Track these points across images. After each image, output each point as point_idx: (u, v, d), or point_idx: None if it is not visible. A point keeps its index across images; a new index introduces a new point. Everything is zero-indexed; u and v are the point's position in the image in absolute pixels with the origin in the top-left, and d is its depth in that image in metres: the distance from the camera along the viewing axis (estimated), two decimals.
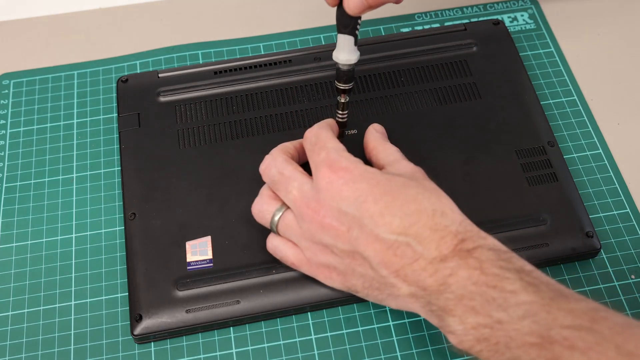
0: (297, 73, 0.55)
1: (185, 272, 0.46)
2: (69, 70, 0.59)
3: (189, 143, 0.51)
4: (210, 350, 0.45)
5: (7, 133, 0.55)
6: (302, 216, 0.42)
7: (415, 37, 0.57)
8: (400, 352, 0.44)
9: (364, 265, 0.40)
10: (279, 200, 0.44)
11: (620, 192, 0.51)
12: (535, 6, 0.62)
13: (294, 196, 0.42)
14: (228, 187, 0.49)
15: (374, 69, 0.55)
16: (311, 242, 0.42)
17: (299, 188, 0.42)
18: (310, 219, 0.41)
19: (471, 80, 0.54)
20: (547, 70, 0.57)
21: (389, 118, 0.52)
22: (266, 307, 0.45)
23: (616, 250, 0.48)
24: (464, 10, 0.62)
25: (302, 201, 0.41)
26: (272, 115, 0.53)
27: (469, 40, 0.56)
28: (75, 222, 0.51)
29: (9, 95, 0.58)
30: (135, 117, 0.53)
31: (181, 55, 0.59)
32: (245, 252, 0.46)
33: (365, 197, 0.39)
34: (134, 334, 0.44)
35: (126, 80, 0.55)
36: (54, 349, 0.45)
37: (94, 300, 0.47)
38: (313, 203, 0.41)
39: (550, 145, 0.51)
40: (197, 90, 0.54)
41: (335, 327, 0.46)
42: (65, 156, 0.54)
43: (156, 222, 0.48)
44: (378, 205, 0.39)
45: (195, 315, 0.45)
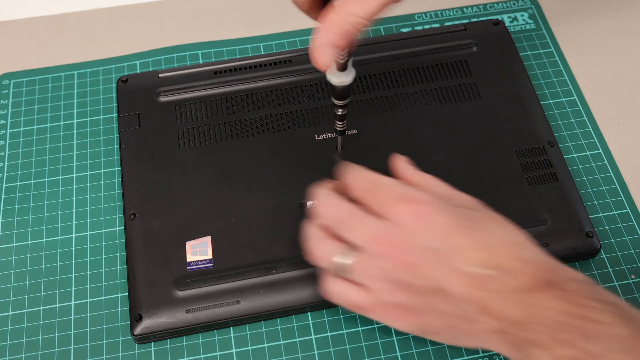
0: (297, 73, 0.55)
1: (185, 272, 0.46)
2: (69, 70, 0.59)
3: (189, 143, 0.51)
4: (210, 350, 0.45)
5: (7, 133, 0.55)
6: (378, 255, 0.39)
7: (415, 37, 0.57)
8: (400, 352, 0.44)
9: (446, 302, 0.38)
10: (340, 241, 0.41)
11: (620, 192, 0.51)
12: (535, 6, 0.62)
13: (367, 235, 0.40)
14: (228, 187, 0.49)
15: (374, 69, 0.55)
16: (387, 281, 0.39)
17: (371, 226, 0.40)
18: (389, 257, 0.39)
19: (471, 80, 0.54)
20: (547, 70, 0.57)
21: (389, 118, 0.52)
22: (266, 307, 0.45)
23: (616, 250, 0.48)
24: (464, 10, 0.62)
25: (377, 239, 0.39)
26: (272, 115, 0.53)
27: (469, 40, 0.56)
28: (75, 222, 0.51)
29: (9, 95, 0.58)
30: (135, 117, 0.53)
31: (181, 55, 0.59)
32: (245, 252, 0.46)
33: (447, 231, 0.38)
34: (134, 334, 0.44)
35: (126, 80, 0.55)
36: (54, 349, 0.45)
37: (94, 300, 0.47)
38: (391, 240, 0.39)
39: (550, 145, 0.51)
40: (197, 90, 0.54)
41: (335, 327, 0.46)
42: (65, 156, 0.54)
43: (156, 222, 0.48)
44: (460, 239, 0.38)
45: (195, 315, 0.45)
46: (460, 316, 0.38)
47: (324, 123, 0.52)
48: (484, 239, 0.38)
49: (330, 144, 0.51)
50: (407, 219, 0.39)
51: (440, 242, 0.38)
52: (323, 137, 0.51)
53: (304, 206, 0.48)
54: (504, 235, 0.38)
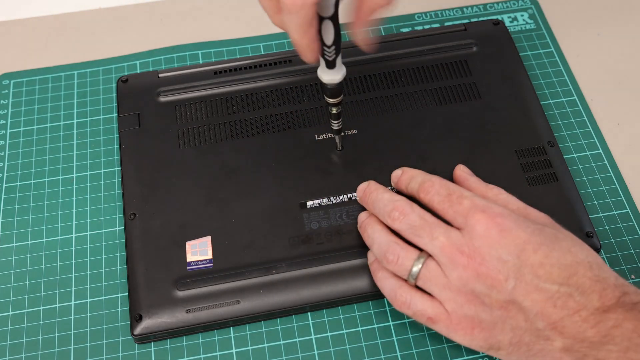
0: (297, 73, 0.55)
1: (185, 272, 0.46)
2: (69, 70, 0.59)
3: (189, 143, 0.51)
4: (210, 350, 0.45)
5: (7, 133, 0.55)
6: (452, 263, 0.39)
7: (415, 37, 0.57)
8: (400, 352, 0.44)
9: (518, 317, 0.38)
10: (415, 248, 0.41)
11: (620, 192, 0.51)
12: (535, 6, 0.62)
13: (442, 243, 0.40)
14: (228, 187, 0.49)
15: (374, 69, 0.55)
16: (459, 292, 0.39)
17: (447, 234, 0.40)
18: (463, 266, 0.39)
19: (471, 80, 0.54)
20: (547, 70, 0.57)
21: (389, 118, 0.52)
22: (266, 307, 0.45)
23: (616, 250, 0.48)
24: (464, 10, 0.62)
25: (452, 248, 0.39)
26: (272, 115, 0.53)
27: (469, 40, 0.56)
28: (75, 222, 0.51)
29: (9, 95, 0.58)
30: (135, 117, 0.53)
31: (181, 55, 0.59)
32: (245, 252, 0.46)
33: (524, 246, 0.38)
34: (134, 334, 0.44)
35: (126, 80, 0.55)
36: (54, 349, 0.45)
37: (94, 300, 0.47)
38: (467, 249, 0.39)
39: (550, 145, 0.51)
40: (197, 90, 0.54)
41: (335, 327, 0.46)
42: (65, 156, 0.54)
43: (156, 222, 0.48)
44: (537, 254, 0.38)
45: (195, 315, 0.45)
46: (530, 332, 0.38)
47: (324, 123, 0.52)
48: (560, 257, 0.38)
49: (330, 144, 0.51)
50: (484, 230, 0.39)
51: (517, 256, 0.38)
52: (323, 137, 0.51)
53: (304, 206, 0.48)
54: (579, 254, 0.38)
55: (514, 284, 0.38)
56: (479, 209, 0.40)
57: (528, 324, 0.38)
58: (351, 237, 0.47)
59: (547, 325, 0.38)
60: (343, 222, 0.47)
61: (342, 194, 0.48)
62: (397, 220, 0.42)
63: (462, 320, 0.40)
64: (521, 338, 0.39)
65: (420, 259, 0.41)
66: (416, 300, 0.41)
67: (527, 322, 0.38)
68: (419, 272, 0.41)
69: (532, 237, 0.39)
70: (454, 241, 0.40)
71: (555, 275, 0.38)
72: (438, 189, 0.42)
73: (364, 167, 0.50)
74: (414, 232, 0.41)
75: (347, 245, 0.46)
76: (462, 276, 0.39)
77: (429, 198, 0.42)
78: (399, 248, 0.41)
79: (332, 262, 0.46)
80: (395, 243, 0.42)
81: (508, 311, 0.38)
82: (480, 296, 0.39)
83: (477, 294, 0.39)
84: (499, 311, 0.39)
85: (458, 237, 0.40)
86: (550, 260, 0.38)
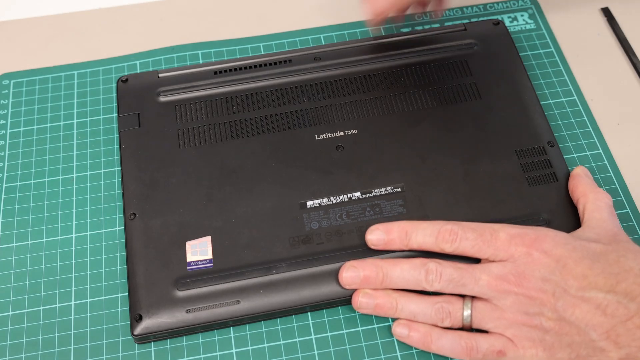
0: (297, 73, 0.55)
1: (185, 272, 0.46)
2: (69, 70, 0.59)
3: (189, 143, 0.51)
4: (210, 350, 0.45)
5: (7, 133, 0.55)
6: (502, 294, 0.41)
7: (415, 37, 0.57)
8: (400, 352, 0.44)
9: (571, 332, 0.39)
10: (454, 296, 0.43)
11: (620, 192, 0.51)
12: (535, 6, 0.62)
13: (486, 280, 0.41)
14: (228, 187, 0.49)
15: (374, 69, 0.55)
16: (515, 318, 0.41)
17: (487, 272, 0.41)
18: (512, 292, 0.41)
19: (471, 80, 0.54)
20: (547, 70, 0.57)
21: (389, 118, 0.52)
22: (266, 307, 0.45)
23: None
24: (464, 10, 0.62)
25: (498, 280, 0.41)
26: (272, 115, 0.53)
27: (469, 40, 0.56)
28: (75, 222, 0.51)
29: (9, 95, 0.58)
30: (135, 117, 0.53)
31: (181, 55, 0.59)
32: (245, 252, 0.46)
33: (566, 261, 0.39)
34: (134, 334, 0.44)
35: (126, 80, 0.55)
36: (54, 349, 0.45)
37: (94, 300, 0.47)
38: (512, 277, 0.41)
39: (550, 145, 0.51)
40: (197, 90, 0.54)
41: (335, 327, 0.46)
42: (65, 156, 0.54)
43: (156, 222, 0.48)
44: (579, 267, 0.39)
45: (195, 315, 0.45)
46: (585, 345, 0.39)
47: (324, 123, 0.52)
48: (605, 267, 0.39)
49: (330, 144, 0.51)
50: (525, 255, 0.40)
51: (559, 272, 0.39)
52: (323, 137, 0.51)
53: (304, 206, 0.48)
54: (630, 263, 0.39)
55: (562, 299, 0.39)
56: (517, 239, 0.41)
57: (582, 337, 0.39)
58: (351, 237, 0.47)
59: (600, 335, 0.38)
60: (343, 222, 0.47)
61: (342, 194, 0.48)
62: (436, 283, 0.43)
63: (526, 345, 0.41)
64: (579, 352, 0.39)
65: (467, 304, 0.42)
66: (481, 341, 0.42)
67: (580, 335, 0.39)
68: (471, 314, 0.42)
69: (572, 253, 0.40)
70: (497, 274, 0.41)
71: (601, 284, 0.38)
72: (464, 234, 0.43)
73: (364, 167, 0.50)
74: (454, 283, 0.42)
75: (347, 245, 0.46)
76: (514, 302, 0.41)
77: (456, 246, 0.43)
78: (445, 305, 0.43)
79: (332, 262, 0.46)
80: (440, 302, 0.43)
81: (561, 327, 0.39)
82: (535, 317, 0.40)
83: (532, 315, 0.40)
84: (554, 329, 0.40)
85: (499, 269, 0.41)
86: (594, 271, 0.39)
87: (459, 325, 0.43)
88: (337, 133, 0.51)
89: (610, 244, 0.41)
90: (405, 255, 0.45)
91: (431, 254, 0.44)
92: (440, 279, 0.42)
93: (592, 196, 0.45)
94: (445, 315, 0.43)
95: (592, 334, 0.38)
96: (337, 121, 0.52)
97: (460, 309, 0.42)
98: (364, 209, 0.48)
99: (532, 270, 0.40)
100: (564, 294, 0.39)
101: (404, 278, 0.43)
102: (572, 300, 0.39)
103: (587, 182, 0.47)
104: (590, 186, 0.46)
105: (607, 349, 0.38)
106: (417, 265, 0.43)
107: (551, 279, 0.40)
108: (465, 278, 0.42)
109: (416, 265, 0.43)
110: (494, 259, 0.42)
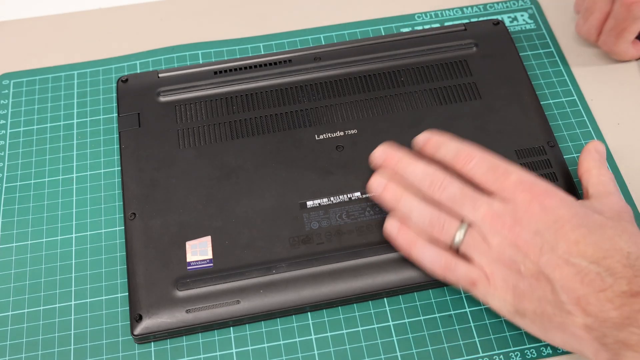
0: (297, 73, 0.55)
1: (185, 272, 0.46)
2: (69, 70, 0.59)
3: (189, 143, 0.51)
4: (210, 350, 0.45)
5: (7, 133, 0.55)
6: (493, 232, 0.41)
7: (415, 37, 0.57)
8: (400, 352, 0.44)
9: (545, 289, 0.40)
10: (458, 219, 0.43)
11: (620, 192, 0.51)
12: (535, 6, 0.62)
13: (484, 213, 0.42)
14: (228, 187, 0.49)
15: (374, 69, 0.55)
16: (498, 258, 0.41)
17: (489, 205, 0.42)
18: (503, 235, 0.41)
19: (471, 80, 0.54)
20: (547, 70, 0.57)
21: (389, 118, 0.52)
22: (266, 307, 0.45)
23: None
24: (464, 10, 0.62)
25: (494, 217, 0.41)
26: (272, 115, 0.53)
27: (469, 40, 0.56)
28: (75, 222, 0.51)
29: (9, 95, 0.58)
30: (135, 117, 0.53)
31: (181, 55, 0.59)
32: (245, 252, 0.46)
33: (563, 223, 0.40)
34: (134, 334, 0.44)
35: (126, 80, 0.55)
36: (54, 349, 0.45)
37: (94, 300, 0.47)
38: (508, 220, 0.41)
39: (550, 145, 0.51)
40: (197, 90, 0.54)
41: (335, 327, 0.46)
42: (65, 156, 0.54)
43: (156, 222, 0.48)
44: (574, 233, 0.39)
45: (195, 315, 0.45)
46: (554, 304, 0.39)
47: (324, 123, 0.52)
48: (598, 240, 0.39)
49: (330, 144, 0.51)
50: (527, 205, 0.41)
51: (554, 231, 0.40)
52: (323, 137, 0.51)
53: (304, 206, 0.48)
54: (622, 244, 0.39)
55: (547, 256, 0.39)
56: (526, 186, 0.42)
57: (553, 296, 0.39)
58: (351, 237, 0.47)
59: (571, 299, 0.39)
60: (343, 222, 0.47)
61: (342, 194, 0.48)
62: (437, 192, 0.43)
63: (498, 284, 0.42)
64: (545, 309, 0.40)
65: (463, 227, 0.43)
66: (460, 265, 0.43)
67: (553, 294, 0.39)
68: (463, 238, 0.42)
69: (573, 218, 0.40)
70: (495, 211, 0.42)
71: (589, 253, 0.39)
72: (479, 162, 0.44)
73: (364, 167, 0.49)
74: (454, 203, 0.43)
75: (347, 245, 0.46)
76: (501, 243, 0.41)
77: (468, 169, 0.44)
78: (442, 217, 0.43)
79: (332, 262, 0.46)
80: (439, 212, 0.43)
81: (538, 281, 0.40)
82: (517, 263, 0.41)
83: (514, 261, 0.41)
84: (530, 280, 0.40)
85: (500, 207, 0.42)
86: (586, 240, 0.39)
87: (447, 243, 0.43)
88: (337, 133, 0.51)
89: (612, 219, 0.41)
90: None
91: None
92: (443, 190, 0.43)
93: (596, 172, 0.46)
94: (439, 227, 0.43)
95: (564, 297, 0.39)
96: (337, 121, 0.52)
97: (455, 228, 0.43)
98: (364, 209, 0.48)
99: (528, 220, 0.41)
100: (550, 252, 0.39)
101: (414, 173, 0.45)
102: (556, 260, 0.39)
103: (595, 157, 0.47)
104: (595, 162, 0.47)
105: (574, 313, 0.39)
106: (430, 169, 0.44)
107: (544, 235, 0.40)
108: (466, 201, 0.42)
109: (429, 169, 0.44)
110: (498, 195, 0.42)
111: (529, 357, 0.44)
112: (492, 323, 0.45)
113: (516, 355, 0.44)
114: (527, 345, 0.44)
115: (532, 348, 0.44)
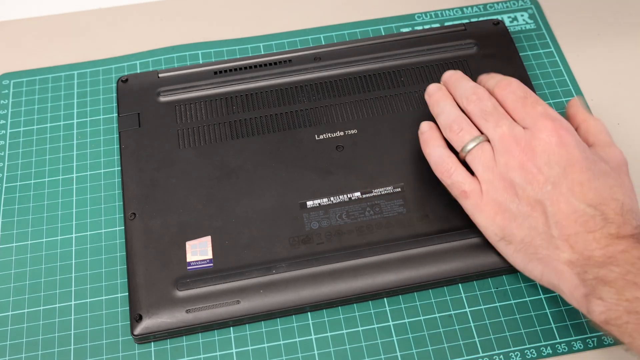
0: (297, 73, 0.55)
1: (185, 272, 0.46)
2: (69, 70, 0.59)
3: (189, 143, 0.51)
4: (210, 350, 0.45)
5: (7, 133, 0.55)
6: (505, 150, 0.43)
7: (415, 37, 0.57)
8: (400, 352, 0.44)
9: (539, 219, 0.41)
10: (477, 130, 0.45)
11: None
12: (535, 6, 0.62)
13: (503, 131, 0.43)
14: (228, 187, 0.49)
15: (374, 69, 0.55)
16: (499, 177, 0.42)
17: (510, 126, 0.43)
18: (513, 155, 0.42)
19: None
20: (547, 70, 0.57)
21: (389, 118, 0.52)
22: (266, 307, 0.45)
23: None
24: (464, 10, 0.62)
25: (511, 138, 0.43)
26: (272, 115, 0.53)
27: (469, 40, 0.56)
28: (75, 222, 0.51)
29: (9, 95, 0.58)
30: (135, 117, 0.53)
31: (181, 55, 0.59)
32: (245, 252, 0.46)
33: (574, 162, 0.41)
34: (134, 334, 0.44)
35: (126, 80, 0.55)
36: (54, 349, 0.45)
37: (94, 300, 0.47)
38: (523, 144, 0.42)
39: None
40: (197, 90, 0.54)
41: (335, 327, 0.46)
42: (65, 156, 0.54)
43: (156, 222, 0.48)
44: (581, 175, 0.41)
45: (195, 315, 0.45)
46: (543, 236, 0.41)
47: (324, 123, 0.52)
48: (599, 187, 0.41)
49: (330, 144, 0.51)
50: (546, 136, 0.42)
51: (564, 167, 0.41)
52: (323, 137, 0.51)
53: (304, 206, 0.48)
54: (619, 196, 0.41)
55: (550, 188, 0.41)
56: (549, 118, 0.43)
57: (545, 228, 0.41)
58: (351, 237, 0.47)
59: (561, 235, 0.40)
60: (343, 222, 0.47)
61: (342, 194, 0.48)
62: (472, 103, 0.45)
63: (490, 203, 0.43)
64: (533, 240, 0.41)
65: (479, 138, 0.44)
66: (459, 172, 0.44)
67: (545, 226, 0.40)
68: (474, 148, 0.44)
69: (584, 161, 0.41)
70: (514, 134, 0.43)
71: (589, 197, 0.40)
72: (515, 89, 0.45)
73: (364, 167, 0.50)
74: (482, 116, 0.44)
75: (347, 245, 0.46)
76: (508, 163, 0.42)
77: (504, 95, 0.45)
78: (465, 122, 0.45)
79: (332, 262, 0.46)
80: (464, 117, 0.45)
81: (533, 210, 0.41)
82: (516, 187, 0.42)
83: (514, 184, 0.42)
84: (525, 207, 0.41)
85: (520, 132, 0.43)
86: (590, 184, 0.40)
87: (458, 148, 0.45)
88: (337, 133, 0.51)
89: (615, 170, 0.43)
90: None
91: None
92: (477, 103, 0.45)
93: (593, 122, 0.47)
94: (457, 130, 0.45)
95: (555, 232, 0.40)
96: (337, 121, 0.52)
97: (470, 137, 0.44)
98: (364, 209, 0.48)
99: (543, 150, 0.41)
100: (554, 186, 0.41)
101: (464, 87, 0.47)
102: (557, 195, 0.40)
103: (586, 109, 0.48)
104: (588, 113, 0.48)
105: (561, 248, 0.40)
106: (479, 88, 0.46)
107: (553, 168, 0.41)
108: (492, 117, 0.44)
109: (474, 86, 0.46)
110: (520, 122, 0.44)
111: (529, 357, 0.44)
112: (492, 323, 0.45)
113: (516, 355, 0.44)
114: (527, 346, 0.44)
115: (532, 348, 0.44)
